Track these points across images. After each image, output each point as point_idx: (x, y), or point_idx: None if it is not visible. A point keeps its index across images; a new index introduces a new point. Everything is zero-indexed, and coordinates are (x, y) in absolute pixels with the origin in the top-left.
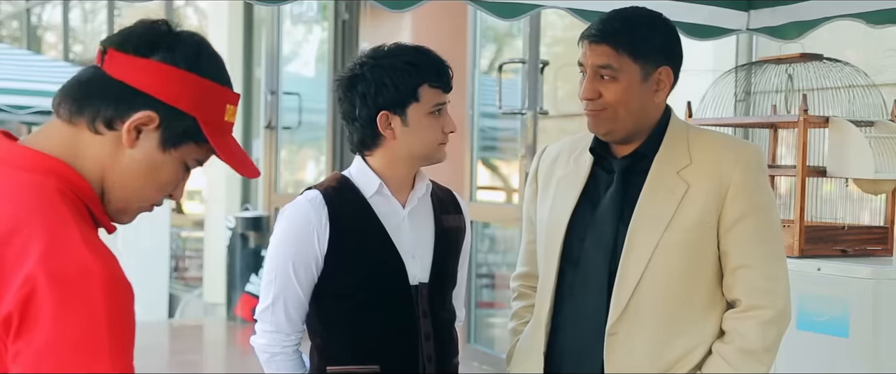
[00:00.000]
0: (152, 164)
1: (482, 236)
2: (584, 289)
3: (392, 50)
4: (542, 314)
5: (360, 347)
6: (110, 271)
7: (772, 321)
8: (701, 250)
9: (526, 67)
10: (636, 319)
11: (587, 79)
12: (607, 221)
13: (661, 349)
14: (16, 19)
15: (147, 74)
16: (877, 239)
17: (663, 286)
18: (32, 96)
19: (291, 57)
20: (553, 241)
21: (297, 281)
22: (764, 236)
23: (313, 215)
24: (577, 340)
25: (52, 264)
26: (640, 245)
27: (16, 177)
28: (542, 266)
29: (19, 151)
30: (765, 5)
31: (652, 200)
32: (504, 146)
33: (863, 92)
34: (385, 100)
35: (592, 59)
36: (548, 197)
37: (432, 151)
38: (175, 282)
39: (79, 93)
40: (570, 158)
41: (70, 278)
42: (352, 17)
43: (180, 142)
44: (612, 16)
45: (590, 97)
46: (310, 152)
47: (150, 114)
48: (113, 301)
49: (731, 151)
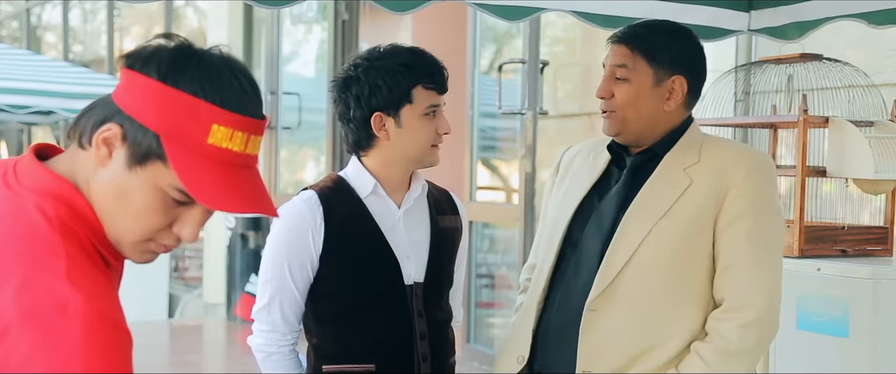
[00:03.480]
0: (121, 185)
1: (482, 236)
2: (578, 269)
3: (387, 51)
4: (536, 293)
5: (354, 346)
6: (95, 307)
7: (752, 323)
8: (692, 245)
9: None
10: (617, 299)
11: (604, 78)
12: (609, 208)
13: (634, 333)
14: (16, 19)
15: (123, 85)
16: (877, 239)
17: (648, 272)
18: (32, 96)
19: (291, 57)
20: (557, 227)
21: (293, 281)
22: (757, 239)
23: (308, 215)
24: (561, 317)
25: (26, 299)
26: (633, 230)
27: (19, 200)
28: (543, 250)
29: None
30: (766, 6)
31: (653, 190)
32: (504, 146)
33: (863, 92)
34: (378, 101)
35: (611, 59)
36: (561, 189)
37: (425, 153)
38: (175, 282)
39: (82, 110)
40: (589, 156)
41: (44, 314)
42: (352, 17)
43: (144, 160)
44: (641, 23)
45: (603, 96)
46: (309, 152)
47: (113, 126)
48: (91, 340)
49: (741, 155)
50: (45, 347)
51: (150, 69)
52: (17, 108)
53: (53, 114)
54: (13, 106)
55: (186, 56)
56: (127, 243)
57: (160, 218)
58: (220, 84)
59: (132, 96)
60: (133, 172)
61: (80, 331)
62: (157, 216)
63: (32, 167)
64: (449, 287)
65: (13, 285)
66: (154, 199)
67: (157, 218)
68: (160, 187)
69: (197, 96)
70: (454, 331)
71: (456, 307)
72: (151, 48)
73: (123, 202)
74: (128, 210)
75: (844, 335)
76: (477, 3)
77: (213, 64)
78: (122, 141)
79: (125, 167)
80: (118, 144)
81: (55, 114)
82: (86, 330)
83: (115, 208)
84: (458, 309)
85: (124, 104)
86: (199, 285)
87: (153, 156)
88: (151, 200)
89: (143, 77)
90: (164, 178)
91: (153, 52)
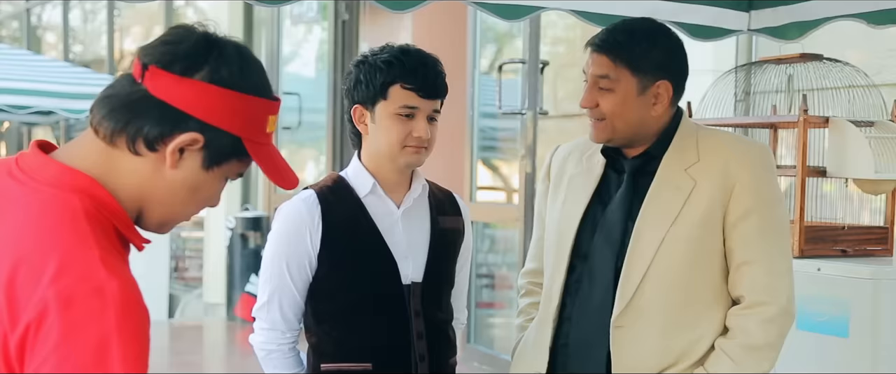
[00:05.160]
0: (195, 183)
1: (482, 236)
2: (591, 284)
3: (383, 48)
4: (550, 309)
5: (352, 345)
6: (126, 293)
7: (774, 317)
8: (706, 246)
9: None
10: (641, 312)
11: (587, 88)
12: (616, 218)
13: (666, 343)
14: (16, 19)
15: (191, 94)
16: (877, 239)
17: (668, 280)
18: (32, 96)
19: (291, 57)
20: (564, 238)
21: (292, 279)
22: (768, 232)
23: (306, 214)
24: (582, 334)
25: (64, 285)
26: (646, 240)
27: (40, 193)
28: (552, 263)
29: (48, 166)
30: (766, 6)
31: (659, 196)
32: (504, 146)
33: (863, 92)
34: (358, 95)
35: (592, 68)
36: (559, 195)
37: (394, 152)
38: (175, 282)
39: (121, 112)
40: (583, 158)
41: (81, 298)
42: (352, 17)
43: (223, 160)
44: (618, 27)
45: (588, 106)
46: (310, 152)
47: (195, 136)
48: (125, 322)
49: (739, 150)
50: (84, 329)
51: (220, 78)
52: (17, 108)
53: (53, 114)
54: (13, 106)
55: (243, 59)
56: (178, 221)
57: (215, 199)
58: (265, 78)
59: (208, 105)
60: (209, 172)
61: (116, 315)
62: (216, 199)
63: (44, 163)
64: (449, 288)
65: (50, 272)
66: (220, 187)
67: (216, 200)
68: (226, 177)
69: (260, 96)
70: (456, 332)
71: (459, 308)
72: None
73: (194, 194)
74: (196, 200)
75: (844, 335)
76: (477, 3)
77: (256, 61)
78: (202, 148)
79: (200, 168)
80: (194, 148)
81: (55, 114)
82: (121, 314)
83: (184, 199)
84: (461, 310)
85: (199, 112)
86: (199, 285)
87: (233, 157)
88: (218, 189)
89: (215, 88)
90: (233, 168)
91: (216, 61)
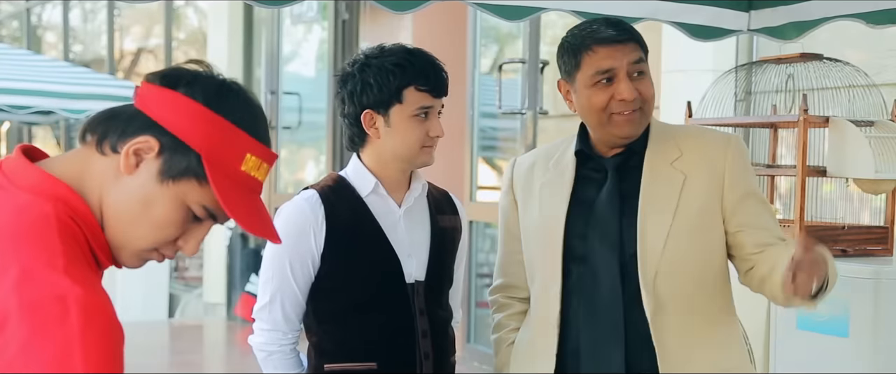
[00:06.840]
0: (147, 196)
1: (483, 235)
2: (596, 285)
3: (385, 50)
4: (550, 316)
5: (356, 345)
6: (91, 299)
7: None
8: (710, 235)
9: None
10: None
11: (623, 81)
12: (609, 216)
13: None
14: (16, 19)
15: (163, 103)
16: (877, 239)
17: (681, 271)
18: (32, 96)
19: (291, 57)
20: (551, 244)
21: (294, 280)
22: (768, 212)
23: (310, 214)
24: (593, 334)
25: (26, 291)
26: (653, 232)
27: (16, 198)
28: (540, 271)
29: (28, 171)
30: (765, 6)
31: (652, 190)
32: (504, 146)
33: (863, 92)
34: (369, 99)
35: (627, 57)
36: (532, 205)
37: (413, 153)
38: (175, 282)
39: (102, 117)
40: (549, 165)
41: (43, 305)
42: (352, 17)
43: (179, 176)
44: (612, 21)
45: (633, 97)
46: (310, 152)
47: (150, 139)
48: (89, 328)
49: (719, 141)
50: (45, 336)
51: (195, 92)
52: (17, 108)
53: (53, 114)
54: (13, 106)
55: (228, 88)
56: (133, 249)
57: (175, 231)
58: (255, 118)
59: (175, 115)
60: (164, 186)
61: (78, 321)
62: (173, 229)
63: (25, 168)
64: (449, 286)
65: (12, 277)
66: (177, 213)
67: (173, 231)
68: (186, 204)
69: (238, 126)
70: (454, 330)
71: (455, 307)
72: (192, 72)
73: (145, 212)
74: (147, 220)
75: (844, 334)
76: (477, 3)
77: (248, 98)
78: (157, 155)
79: (155, 180)
80: (150, 156)
81: (55, 114)
82: (84, 321)
83: (135, 216)
84: (456, 309)
85: (164, 120)
86: (199, 285)
87: (190, 174)
88: (175, 214)
89: (186, 99)
90: (193, 195)
91: (196, 77)
